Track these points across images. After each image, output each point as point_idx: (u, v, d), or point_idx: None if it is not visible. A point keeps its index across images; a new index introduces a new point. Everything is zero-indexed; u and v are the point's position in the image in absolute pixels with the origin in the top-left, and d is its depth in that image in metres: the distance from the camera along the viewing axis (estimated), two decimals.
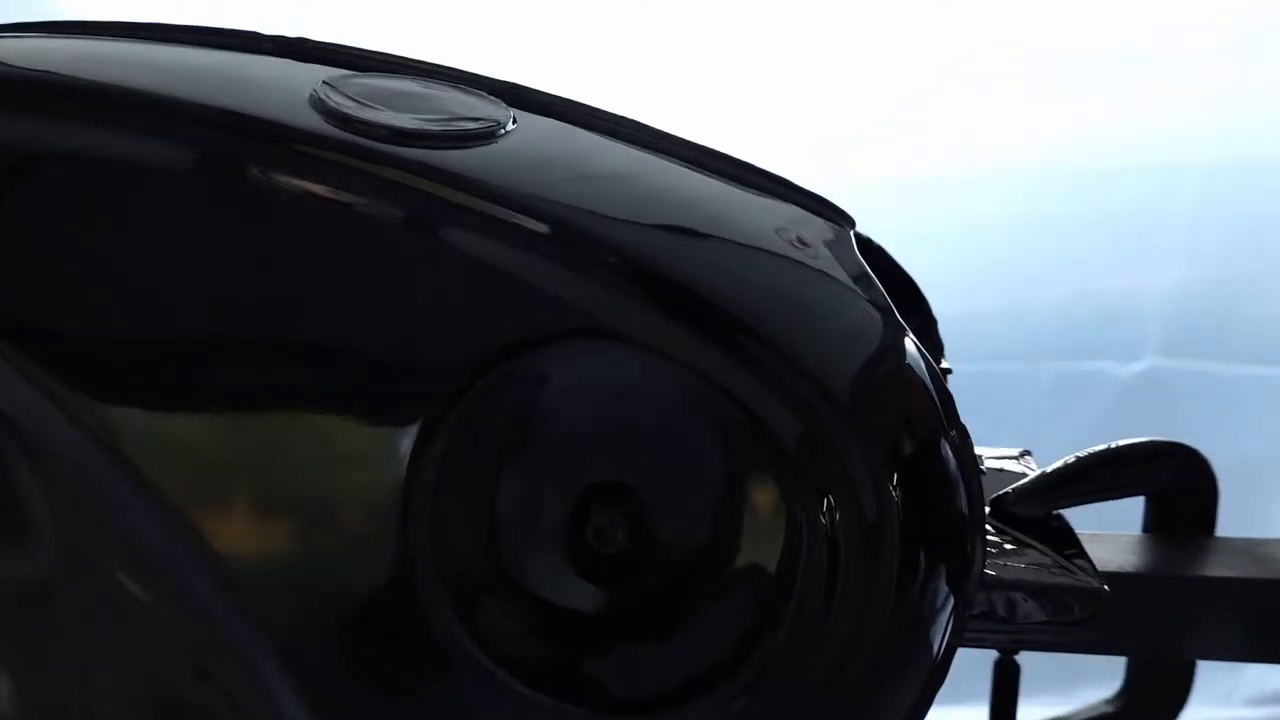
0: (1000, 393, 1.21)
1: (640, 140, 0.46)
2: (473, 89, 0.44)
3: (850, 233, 0.47)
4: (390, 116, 0.40)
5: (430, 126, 0.40)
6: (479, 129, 0.41)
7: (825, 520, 0.38)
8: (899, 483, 0.38)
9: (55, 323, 0.39)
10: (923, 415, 0.40)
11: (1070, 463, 0.56)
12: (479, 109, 0.43)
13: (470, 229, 0.38)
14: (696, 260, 0.39)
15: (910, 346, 0.41)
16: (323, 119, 0.39)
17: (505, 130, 0.42)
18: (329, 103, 0.40)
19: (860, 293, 0.42)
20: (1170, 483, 0.61)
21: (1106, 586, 0.48)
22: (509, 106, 0.44)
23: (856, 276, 0.43)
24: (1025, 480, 0.55)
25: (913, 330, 0.42)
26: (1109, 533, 0.59)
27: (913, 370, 0.41)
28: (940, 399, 0.41)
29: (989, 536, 0.51)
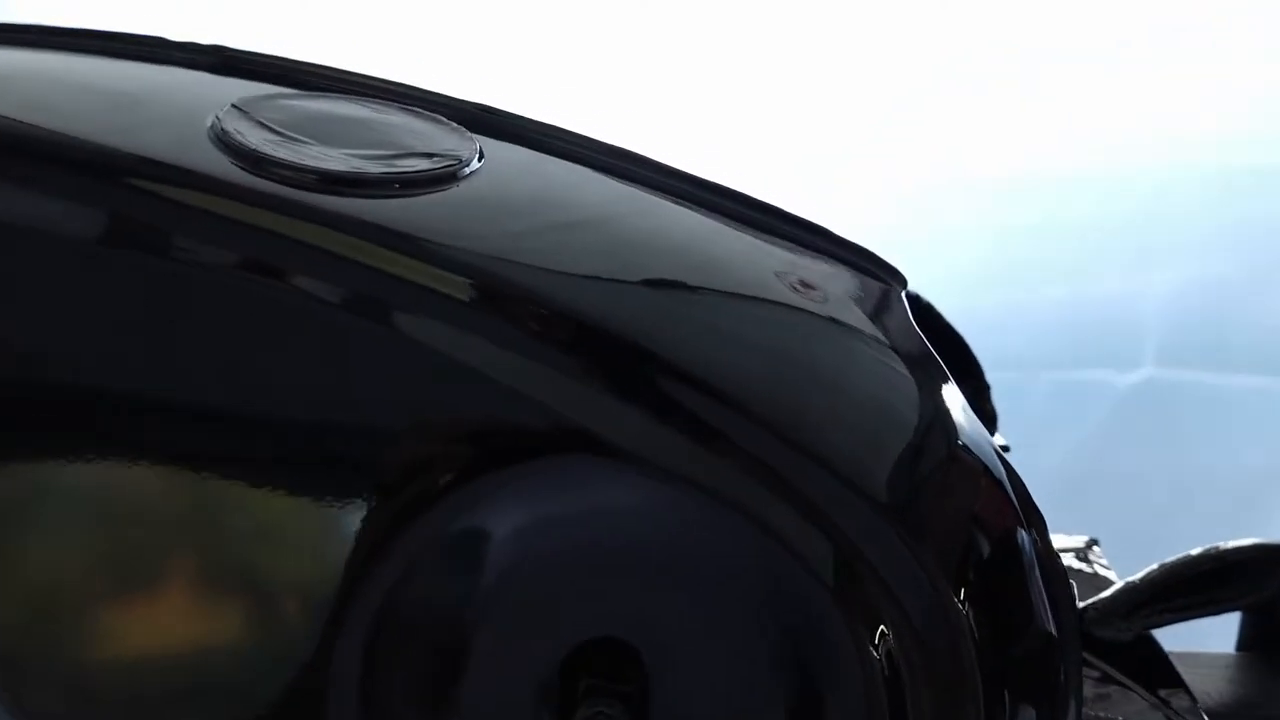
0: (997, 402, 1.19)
1: (642, 179, 0.39)
2: (430, 113, 0.38)
3: (901, 293, 0.40)
4: (318, 154, 0.33)
5: (370, 167, 0.34)
6: (435, 169, 0.34)
7: (880, 656, 0.30)
8: (966, 598, 0.31)
9: None
10: (990, 511, 0.34)
11: (1162, 571, 0.49)
12: (436, 140, 0.37)
13: (417, 311, 0.31)
14: (690, 345, 0.32)
15: (967, 425, 0.35)
16: (228, 159, 0.33)
17: (468, 170, 0.35)
18: (236, 137, 0.33)
19: (904, 368, 0.36)
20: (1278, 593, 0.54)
21: None
22: (474, 136, 0.37)
23: (904, 347, 0.37)
24: (1108, 594, 0.48)
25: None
26: (1201, 651, 0.53)
27: (971, 456, 0.34)
28: (1013, 489, 0.34)
29: None
